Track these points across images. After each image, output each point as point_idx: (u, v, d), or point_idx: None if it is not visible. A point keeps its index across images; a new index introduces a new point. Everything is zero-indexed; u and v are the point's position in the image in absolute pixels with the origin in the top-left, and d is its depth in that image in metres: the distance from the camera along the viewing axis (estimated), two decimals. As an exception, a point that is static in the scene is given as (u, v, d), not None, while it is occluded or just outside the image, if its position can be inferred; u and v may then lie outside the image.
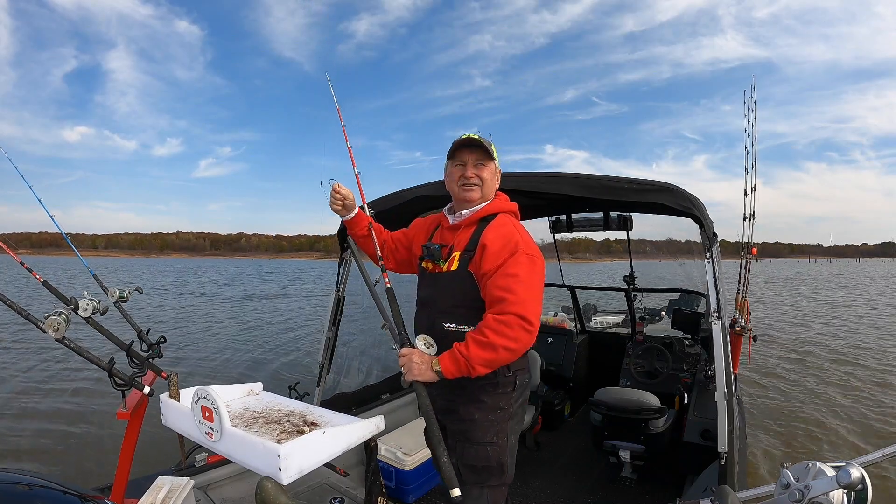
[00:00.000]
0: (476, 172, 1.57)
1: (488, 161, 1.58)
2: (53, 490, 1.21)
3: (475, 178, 1.57)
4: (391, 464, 2.57)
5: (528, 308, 1.35)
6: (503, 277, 1.41)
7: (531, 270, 1.42)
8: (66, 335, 1.53)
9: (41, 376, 6.79)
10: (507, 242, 1.46)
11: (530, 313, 1.35)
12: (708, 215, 2.08)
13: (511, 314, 1.34)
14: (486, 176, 1.57)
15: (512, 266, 1.41)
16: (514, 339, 1.34)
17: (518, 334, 1.34)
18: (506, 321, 1.34)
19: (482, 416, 1.51)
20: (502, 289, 1.39)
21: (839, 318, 13.90)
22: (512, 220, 1.58)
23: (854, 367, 7.78)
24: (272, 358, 8.58)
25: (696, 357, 3.64)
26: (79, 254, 2.45)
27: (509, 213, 1.62)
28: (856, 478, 0.95)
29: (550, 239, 4.32)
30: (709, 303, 2.24)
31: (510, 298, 1.36)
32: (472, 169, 1.57)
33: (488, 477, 1.51)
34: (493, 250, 1.45)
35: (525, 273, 1.41)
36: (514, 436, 1.57)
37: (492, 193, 1.63)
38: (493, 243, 1.47)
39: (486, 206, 1.60)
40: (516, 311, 1.34)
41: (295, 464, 1.19)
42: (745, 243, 4.57)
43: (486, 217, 1.58)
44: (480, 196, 1.59)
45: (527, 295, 1.37)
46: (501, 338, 1.33)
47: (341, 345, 2.89)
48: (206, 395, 1.29)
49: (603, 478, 3.03)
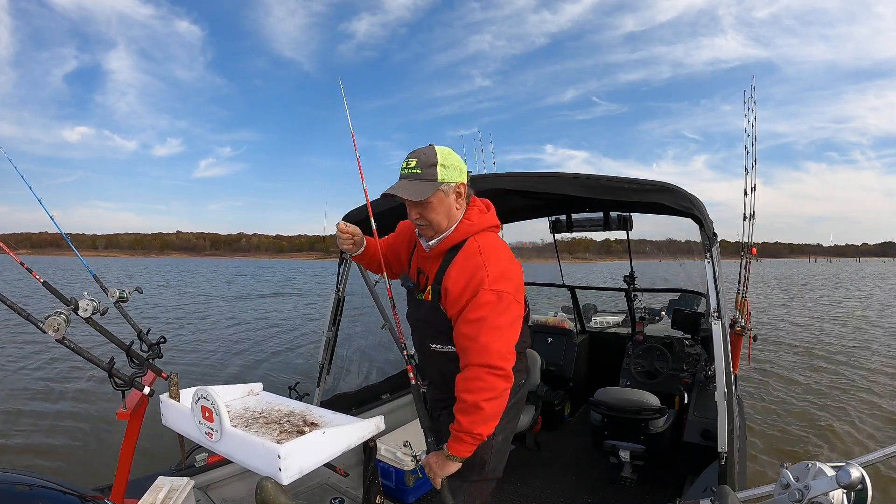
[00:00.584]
0: (420, 213, 1.43)
1: (428, 198, 1.39)
2: (53, 490, 1.21)
3: (421, 220, 1.44)
4: (391, 464, 2.57)
5: (491, 354, 1.29)
6: (465, 324, 1.34)
7: (496, 309, 1.32)
8: (66, 335, 1.53)
9: (41, 376, 6.79)
10: (470, 281, 1.35)
11: (495, 358, 1.30)
12: (708, 215, 2.08)
13: (475, 366, 1.30)
14: (431, 216, 1.42)
15: (473, 310, 1.33)
16: (488, 389, 1.30)
17: (491, 383, 1.30)
18: (472, 376, 1.31)
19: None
20: (465, 337, 1.33)
21: (839, 318, 13.90)
22: (480, 245, 1.42)
23: (854, 366, 7.77)
24: (272, 358, 8.58)
25: (696, 357, 3.64)
26: (79, 254, 2.45)
27: (486, 230, 1.48)
28: (855, 478, 0.95)
29: (550, 239, 4.33)
30: (709, 303, 2.24)
31: (472, 348, 1.31)
32: (414, 211, 1.44)
33: (468, 472, 1.51)
34: (454, 295, 1.37)
35: (489, 313, 1.31)
36: (504, 434, 1.57)
37: (452, 215, 1.45)
38: (455, 285, 1.38)
39: (452, 234, 1.45)
40: (479, 361, 1.30)
41: (295, 464, 1.19)
42: (745, 243, 4.57)
43: (456, 246, 1.45)
44: (434, 232, 1.46)
45: (490, 338, 1.30)
46: (476, 394, 1.30)
47: (341, 345, 2.89)
48: (206, 396, 1.29)
49: (603, 478, 3.03)
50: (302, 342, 9.97)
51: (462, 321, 1.35)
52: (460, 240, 1.44)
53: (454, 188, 1.42)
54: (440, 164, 1.38)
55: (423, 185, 1.38)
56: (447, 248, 1.46)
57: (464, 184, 1.45)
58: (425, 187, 1.38)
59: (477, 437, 1.35)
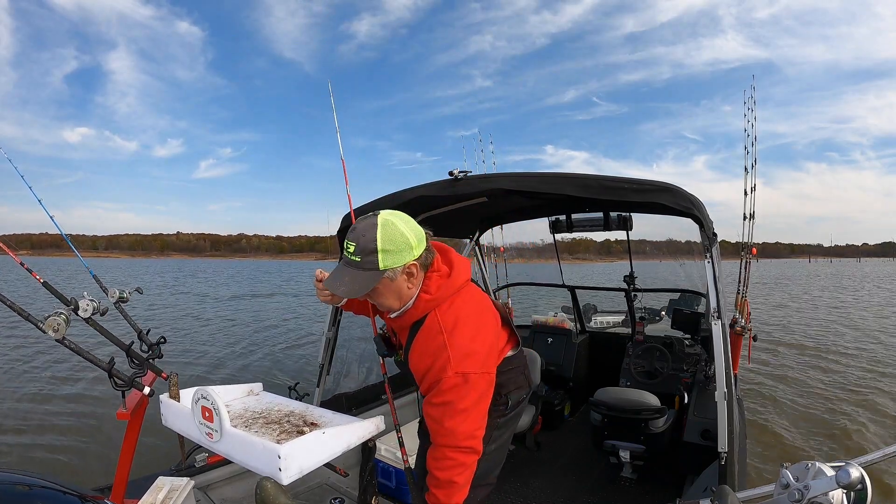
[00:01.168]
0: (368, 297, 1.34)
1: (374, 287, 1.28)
2: (53, 490, 1.21)
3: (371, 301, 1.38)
4: (391, 464, 2.57)
5: (458, 437, 1.28)
6: (431, 407, 1.31)
7: (461, 392, 1.26)
8: (66, 336, 1.54)
9: (41, 376, 6.78)
10: (433, 365, 1.28)
11: (461, 440, 1.28)
12: (708, 215, 2.08)
13: (442, 447, 1.30)
14: (379, 301, 1.35)
15: (438, 395, 1.28)
16: (458, 464, 1.30)
17: (459, 459, 1.29)
18: (440, 455, 1.30)
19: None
20: (431, 419, 1.31)
21: (839, 318, 13.90)
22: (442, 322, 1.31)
23: (855, 366, 7.78)
24: (272, 358, 8.58)
25: (696, 357, 3.64)
26: (79, 254, 2.45)
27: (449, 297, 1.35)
28: (855, 478, 0.95)
29: (550, 239, 4.33)
30: (709, 303, 2.24)
31: (438, 431, 1.30)
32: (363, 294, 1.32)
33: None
34: (419, 376, 1.35)
35: (454, 398, 1.26)
36: (498, 443, 1.54)
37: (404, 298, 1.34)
38: (417, 368, 1.35)
39: (411, 310, 1.35)
40: (445, 442, 1.29)
41: (295, 464, 1.19)
42: (745, 243, 4.57)
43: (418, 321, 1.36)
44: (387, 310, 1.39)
45: (455, 422, 1.27)
46: (447, 472, 1.30)
47: (341, 345, 2.89)
48: (206, 396, 1.29)
49: (603, 478, 3.03)
50: (302, 342, 9.98)
51: (427, 403, 1.32)
52: (420, 316, 1.35)
53: (402, 270, 1.28)
54: (381, 251, 1.23)
55: (363, 277, 1.26)
56: (409, 323, 1.38)
57: (414, 263, 1.29)
58: (365, 280, 1.26)
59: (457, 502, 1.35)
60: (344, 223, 2.47)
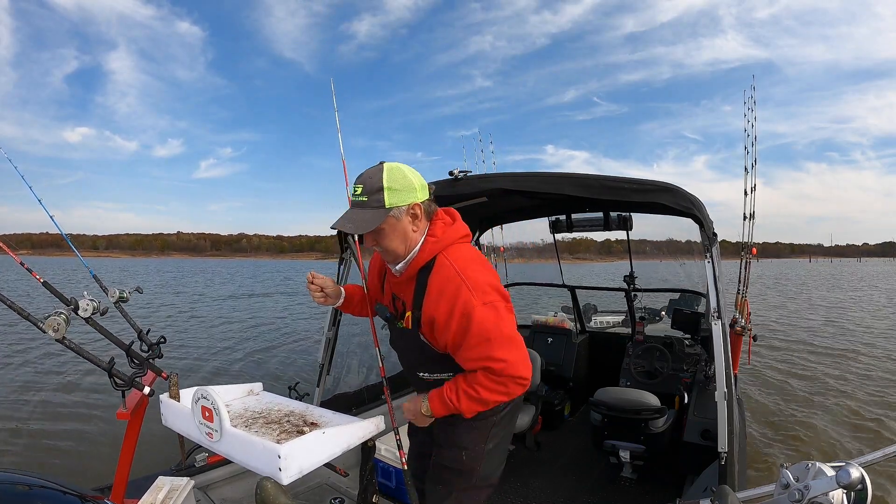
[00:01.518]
0: (374, 241, 1.35)
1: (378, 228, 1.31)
2: (53, 490, 1.21)
3: (377, 247, 1.37)
4: (391, 464, 2.57)
5: (514, 364, 1.27)
6: (474, 349, 1.27)
7: (497, 320, 1.27)
8: (66, 335, 1.54)
9: (41, 376, 6.78)
10: (455, 305, 1.26)
11: (522, 369, 1.29)
12: (708, 215, 2.09)
13: (507, 377, 1.28)
14: (385, 244, 1.35)
15: (476, 333, 1.25)
16: (507, 393, 1.31)
17: (512, 389, 1.30)
18: (502, 381, 1.29)
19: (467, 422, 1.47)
20: (484, 359, 1.27)
21: (839, 318, 13.90)
22: (453, 263, 1.32)
23: (855, 366, 7.77)
24: (272, 358, 8.58)
25: (696, 357, 3.64)
26: (79, 254, 2.45)
27: (454, 243, 1.38)
28: (855, 478, 0.95)
29: (551, 239, 4.33)
30: (709, 303, 2.24)
31: (497, 368, 1.26)
32: (369, 239, 1.36)
33: (458, 479, 1.50)
34: (442, 323, 1.30)
35: (493, 328, 1.26)
36: (496, 441, 1.53)
37: (408, 238, 1.35)
38: (440, 313, 1.30)
39: (418, 255, 1.35)
40: (511, 373, 1.28)
41: (295, 464, 1.19)
42: (745, 243, 4.57)
43: (425, 266, 1.36)
44: (394, 257, 1.38)
45: (507, 351, 1.27)
46: (494, 394, 1.30)
47: (341, 345, 2.89)
48: (206, 396, 1.29)
49: (603, 478, 3.03)
50: (302, 342, 9.98)
51: (467, 347, 1.28)
52: (428, 259, 1.35)
53: (407, 210, 1.32)
54: (387, 189, 1.28)
55: (370, 215, 1.29)
56: (416, 269, 1.37)
57: (418, 203, 1.33)
58: (372, 217, 1.29)
59: (462, 412, 1.34)
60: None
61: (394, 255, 1.38)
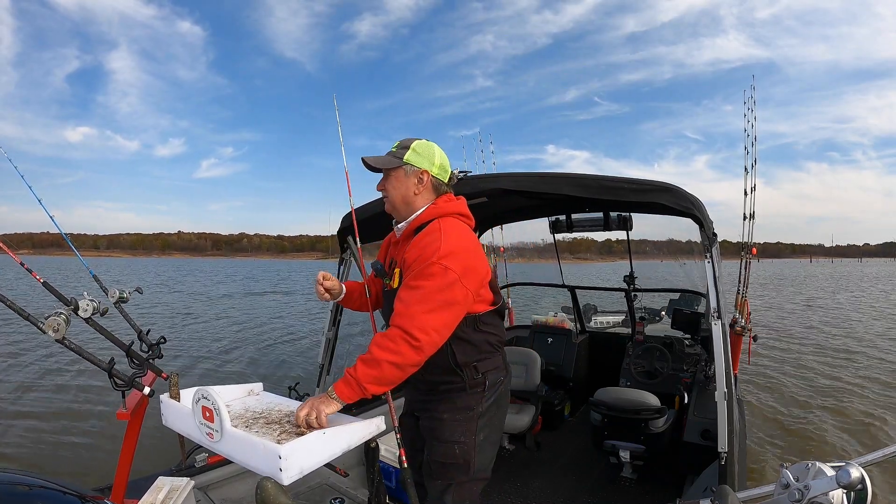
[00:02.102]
0: (382, 186, 1.55)
1: (389, 173, 1.52)
2: (53, 490, 1.21)
3: (381, 190, 1.56)
4: (392, 464, 2.57)
5: (414, 322, 1.29)
6: (404, 289, 1.38)
7: (437, 282, 1.33)
8: (66, 336, 1.54)
9: (40, 376, 6.79)
10: (423, 252, 1.38)
11: (416, 328, 1.29)
12: (708, 215, 2.09)
13: (396, 327, 1.31)
14: (388, 189, 1.53)
15: (415, 278, 1.36)
16: (396, 352, 1.29)
17: (401, 348, 1.29)
18: (390, 335, 1.31)
19: (450, 416, 1.53)
20: (399, 300, 1.35)
21: (839, 318, 13.89)
22: (442, 225, 1.45)
23: (855, 366, 7.77)
24: (273, 358, 8.58)
25: (696, 357, 3.64)
26: (78, 254, 2.45)
27: (448, 215, 1.51)
28: (855, 478, 0.95)
29: (551, 239, 4.33)
30: (709, 303, 2.24)
31: (400, 311, 1.33)
32: (379, 184, 1.56)
33: (455, 473, 1.53)
34: (409, 262, 1.41)
35: (428, 284, 1.33)
36: (485, 432, 1.56)
37: (409, 199, 1.51)
38: (412, 253, 1.42)
39: (419, 215, 1.51)
40: (401, 323, 1.30)
41: (296, 464, 1.19)
42: (745, 243, 4.57)
43: (420, 226, 1.49)
44: (392, 207, 1.55)
45: (419, 308, 1.31)
46: (384, 352, 1.30)
47: (341, 345, 2.89)
48: (206, 396, 1.29)
49: (603, 478, 3.03)
50: (302, 342, 9.98)
51: (403, 286, 1.40)
52: (425, 220, 1.49)
53: (416, 172, 1.50)
54: (412, 149, 1.50)
55: (389, 159, 1.51)
56: (413, 228, 1.50)
57: (428, 172, 1.50)
58: (389, 161, 1.51)
59: (364, 390, 1.33)
60: (344, 223, 2.47)
61: (391, 205, 1.54)
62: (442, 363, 1.48)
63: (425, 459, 1.58)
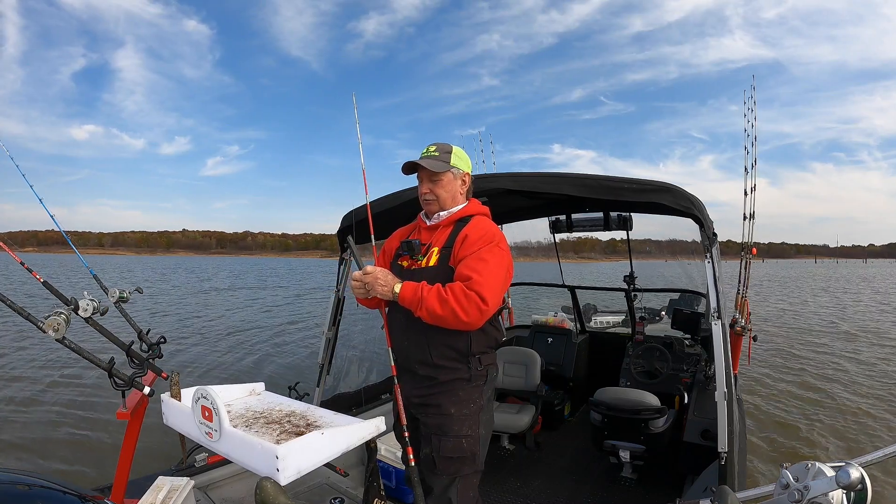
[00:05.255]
0: (430, 188, 1.70)
1: (440, 176, 1.68)
2: (53, 490, 1.22)
3: (430, 194, 1.71)
4: (391, 464, 2.57)
5: (488, 290, 1.45)
6: (475, 260, 1.53)
7: (501, 261, 1.56)
8: (66, 335, 1.54)
9: (40, 376, 6.79)
10: (486, 234, 1.60)
11: (489, 295, 1.45)
12: (708, 215, 2.08)
13: (474, 291, 1.45)
14: (439, 192, 1.70)
15: (486, 253, 1.54)
16: (466, 310, 1.44)
17: (472, 309, 1.44)
18: (469, 295, 1.45)
19: (457, 410, 1.60)
20: (472, 269, 1.50)
21: (839, 318, 13.86)
22: (491, 224, 1.71)
23: (856, 366, 7.75)
24: (275, 358, 8.58)
25: (696, 357, 3.64)
26: (78, 253, 2.45)
27: (483, 215, 1.76)
28: (855, 478, 0.95)
29: (551, 239, 4.32)
30: (709, 303, 2.24)
31: (476, 278, 1.47)
32: (426, 185, 1.71)
33: (462, 466, 1.60)
34: (473, 240, 1.59)
35: (495, 261, 1.54)
36: (487, 427, 1.67)
37: (456, 198, 1.73)
38: (474, 234, 1.61)
39: (464, 208, 1.74)
40: (479, 289, 1.45)
41: (293, 464, 1.19)
42: (745, 243, 4.57)
43: (464, 218, 1.71)
44: (440, 205, 1.72)
45: (492, 280, 1.48)
46: (458, 305, 1.44)
47: (341, 345, 2.89)
48: (205, 395, 1.30)
49: (603, 478, 3.02)
50: (305, 342, 9.99)
51: (473, 258, 1.54)
52: (467, 215, 1.71)
53: (461, 175, 1.73)
54: (454, 154, 1.71)
55: (440, 163, 1.68)
56: (455, 220, 1.70)
57: (468, 174, 1.76)
58: (441, 164, 1.68)
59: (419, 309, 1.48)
60: (344, 223, 2.47)
61: (440, 205, 1.72)
62: (459, 347, 1.59)
63: (429, 456, 1.62)
